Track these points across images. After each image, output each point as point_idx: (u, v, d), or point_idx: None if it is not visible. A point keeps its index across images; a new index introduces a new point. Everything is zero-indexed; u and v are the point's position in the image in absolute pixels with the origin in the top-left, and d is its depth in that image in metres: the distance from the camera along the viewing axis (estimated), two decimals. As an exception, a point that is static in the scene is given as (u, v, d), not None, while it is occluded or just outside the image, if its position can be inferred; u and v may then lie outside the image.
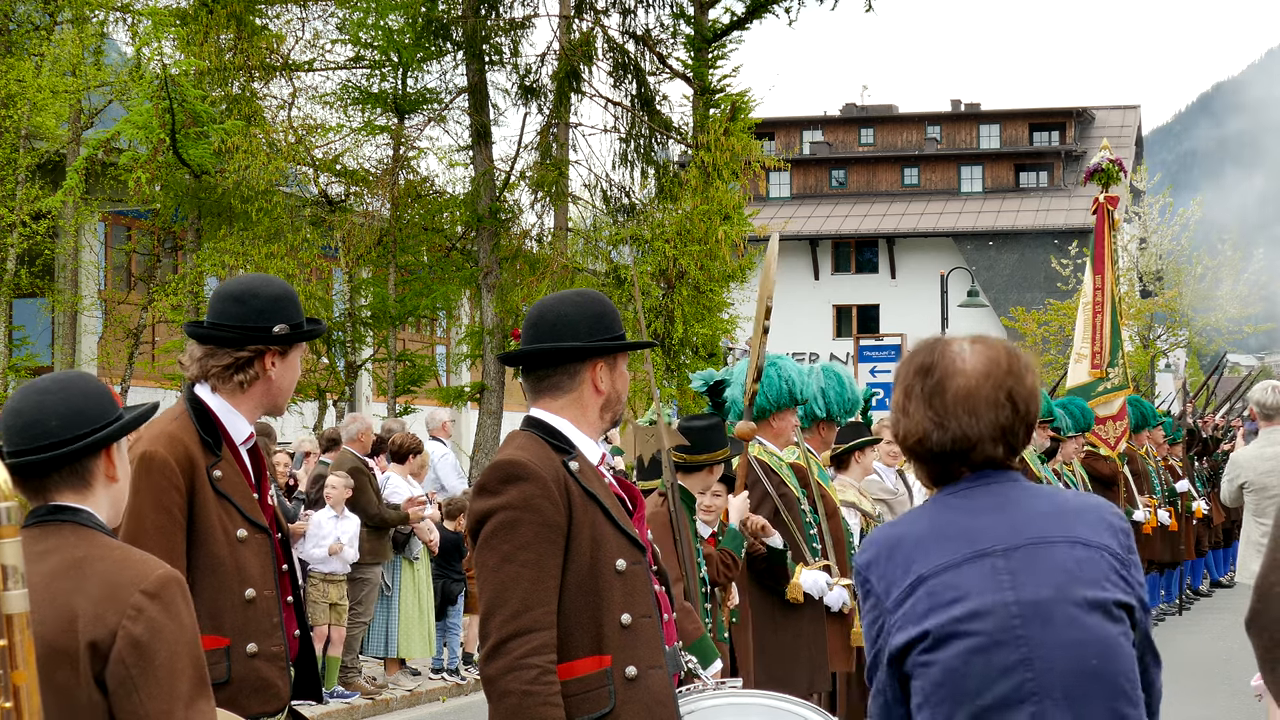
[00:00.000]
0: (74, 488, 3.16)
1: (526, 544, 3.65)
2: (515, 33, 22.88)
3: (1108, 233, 14.96)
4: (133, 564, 3.08)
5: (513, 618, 3.60)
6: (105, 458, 3.19)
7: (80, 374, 3.29)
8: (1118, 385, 14.90)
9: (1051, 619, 3.19)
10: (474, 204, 22.32)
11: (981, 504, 3.28)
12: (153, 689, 2.96)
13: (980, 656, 3.19)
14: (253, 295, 4.15)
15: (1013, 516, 3.28)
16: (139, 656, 2.97)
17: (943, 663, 3.20)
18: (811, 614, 7.40)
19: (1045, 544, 3.26)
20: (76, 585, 3.02)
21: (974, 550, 3.24)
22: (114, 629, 2.97)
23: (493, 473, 3.76)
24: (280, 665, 4.12)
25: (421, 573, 13.26)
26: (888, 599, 3.27)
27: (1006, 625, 3.19)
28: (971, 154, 60.83)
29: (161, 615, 3.00)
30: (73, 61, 19.24)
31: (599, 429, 3.94)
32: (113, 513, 3.25)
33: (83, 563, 3.06)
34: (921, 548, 3.28)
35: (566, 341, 3.86)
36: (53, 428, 3.12)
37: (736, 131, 21.56)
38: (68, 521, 3.13)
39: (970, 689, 3.19)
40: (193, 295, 19.77)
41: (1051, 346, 40.69)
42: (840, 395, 8.03)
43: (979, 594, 3.21)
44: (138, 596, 3.00)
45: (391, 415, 21.10)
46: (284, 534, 4.26)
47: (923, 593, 3.23)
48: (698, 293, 21.42)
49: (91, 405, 3.17)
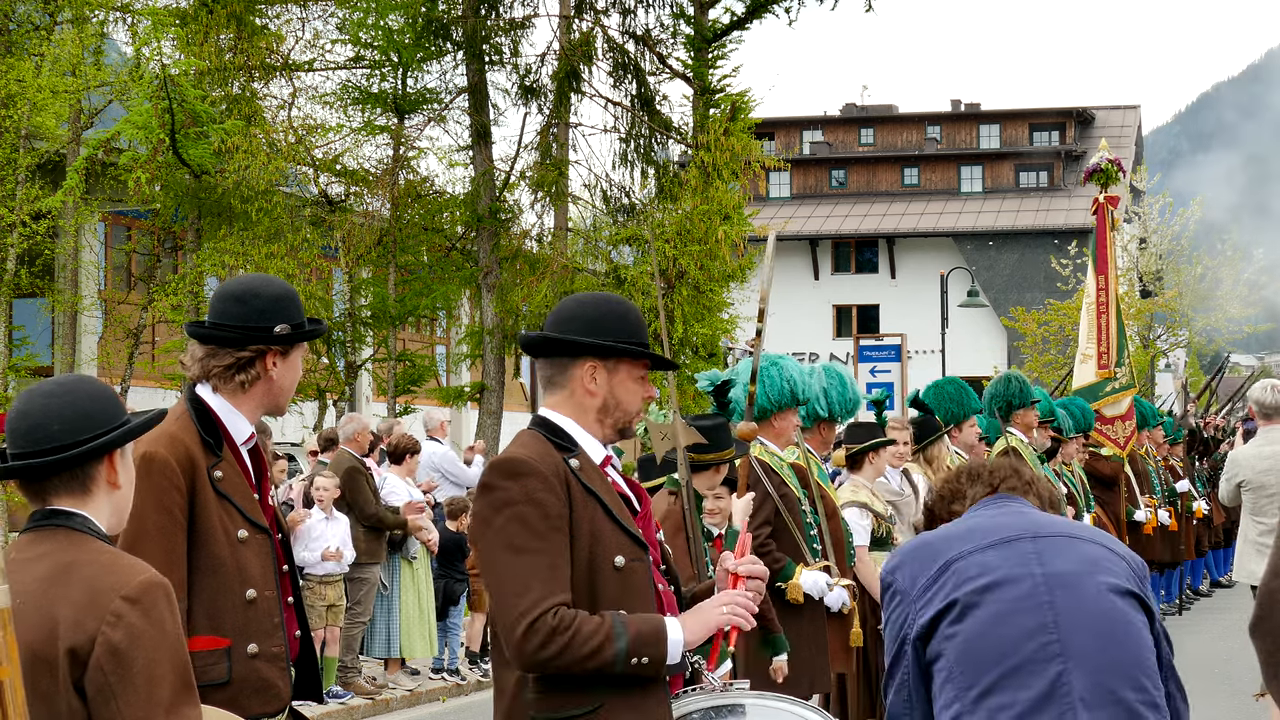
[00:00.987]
0: (73, 492, 3.14)
1: (536, 534, 3.66)
2: (515, 33, 22.89)
3: (1109, 233, 14.96)
4: (118, 569, 3.04)
5: (535, 604, 3.60)
6: (107, 464, 3.17)
7: (86, 378, 3.27)
8: (1125, 384, 14.89)
9: (1077, 588, 3.30)
10: (474, 204, 22.33)
11: (1008, 510, 3.49)
12: (130, 696, 2.92)
13: (1007, 620, 3.30)
14: (254, 295, 4.15)
15: (1037, 519, 3.45)
16: (117, 663, 2.93)
17: (968, 630, 3.30)
18: (811, 614, 7.40)
19: (1071, 538, 3.39)
20: (61, 591, 2.99)
21: (1002, 537, 3.40)
22: (93, 635, 2.94)
23: (495, 470, 3.77)
24: (281, 666, 4.12)
25: (421, 572, 13.25)
26: (913, 589, 3.39)
27: (1033, 592, 3.31)
28: (971, 154, 60.82)
29: (141, 621, 2.96)
30: (73, 61, 19.22)
31: (603, 432, 3.92)
32: (115, 519, 3.23)
33: (70, 568, 3.03)
34: (950, 542, 3.44)
35: (564, 335, 3.88)
36: (54, 431, 3.10)
37: (736, 131, 21.56)
38: (62, 526, 3.11)
39: (996, 652, 3.28)
40: (193, 295, 19.76)
41: (1051, 346, 40.66)
42: (842, 395, 8.04)
43: (1007, 567, 3.33)
44: (118, 602, 2.96)
45: (391, 415, 21.10)
46: (284, 534, 4.27)
47: (950, 573, 3.36)
48: (698, 293, 21.42)
49: (97, 410, 3.15)
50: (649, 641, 3.66)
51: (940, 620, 3.34)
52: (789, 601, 7.28)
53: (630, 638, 3.63)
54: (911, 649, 3.38)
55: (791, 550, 7.40)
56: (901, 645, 3.42)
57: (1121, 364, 14.75)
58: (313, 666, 4.32)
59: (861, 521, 8.51)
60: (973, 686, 3.28)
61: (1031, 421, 12.24)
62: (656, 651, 3.66)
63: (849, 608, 7.68)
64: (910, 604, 3.40)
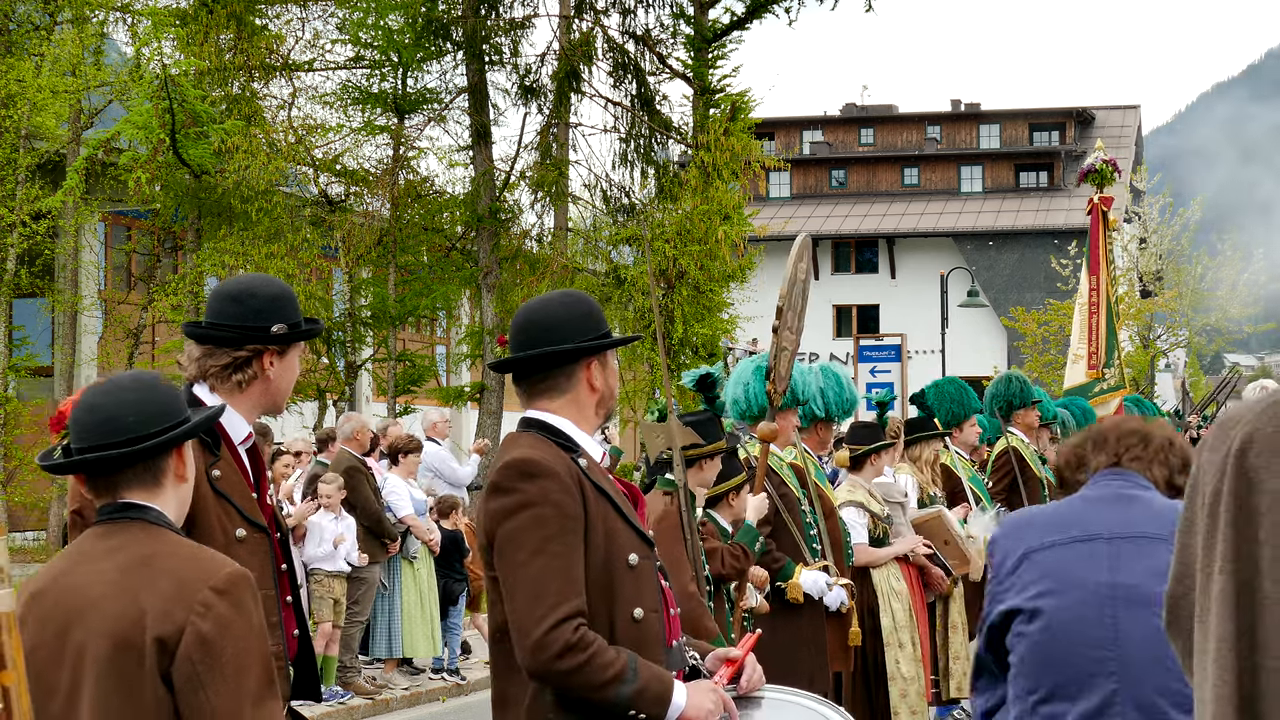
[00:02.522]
0: (145, 485, 3.17)
1: (553, 536, 3.65)
2: (515, 33, 22.89)
3: (1102, 233, 14.98)
4: (202, 561, 3.10)
5: (553, 608, 3.59)
6: (176, 456, 3.22)
7: (155, 374, 3.32)
8: (1114, 385, 14.91)
9: (1141, 604, 3.34)
10: (474, 204, 22.33)
11: (1110, 495, 3.51)
12: (220, 686, 2.96)
13: (1069, 630, 3.37)
14: (251, 295, 4.15)
15: (1129, 514, 3.47)
16: (206, 653, 2.97)
17: (1034, 634, 3.38)
18: (811, 614, 7.41)
19: (1152, 539, 3.41)
20: (146, 581, 3.02)
21: (1082, 534, 3.45)
22: (182, 625, 2.97)
23: (508, 471, 3.73)
24: (280, 664, 4.12)
25: (423, 572, 13.26)
26: (1001, 570, 3.47)
27: (1098, 603, 3.37)
28: (971, 154, 60.82)
29: (230, 612, 3.00)
30: (73, 61, 19.24)
31: (595, 425, 3.96)
32: (179, 511, 3.27)
33: (152, 559, 3.06)
34: (1036, 527, 3.50)
35: (559, 344, 3.87)
36: (130, 424, 3.13)
37: (736, 131, 21.56)
38: (137, 519, 3.14)
39: (1055, 660, 3.35)
40: (193, 295, 19.77)
41: (1052, 346, 40.65)
42: (839, 396, 8.05)
43: (1079, 571, 3.37)
44: (206, 593, 3.00)
45: (391, 415, 21.10)
46: (283, 533, 4.27)
47: (1026, 565, 3.44)
48: (697, 293, 21.42)
49: (168, 404, 3.20)
50: (654, 700, 3.67)
51: (1012, 618, 3.43)
52: (789, 601, 7.29)
53: (638, 686, 3.63)
54: (986, 631, 3.51)
55: (791, 550, 7.41)
56: (983, 623, 3.54)
57: (1111, 365, 14.77)
58: (311, 666, 4.32)
59: (859, 520, 8.53)
60: (1033, 691, 3.35)
61: (1032, 422, 12.24)
62: (659, 711, 3.68)
63: (847, 607, 7.69)
64: (997, 584, 3.49)
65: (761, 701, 4.03)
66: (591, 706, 3.65)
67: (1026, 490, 11.97)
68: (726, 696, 3.87)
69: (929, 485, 10.01)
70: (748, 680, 4.01)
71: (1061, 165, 59.54)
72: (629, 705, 3.63)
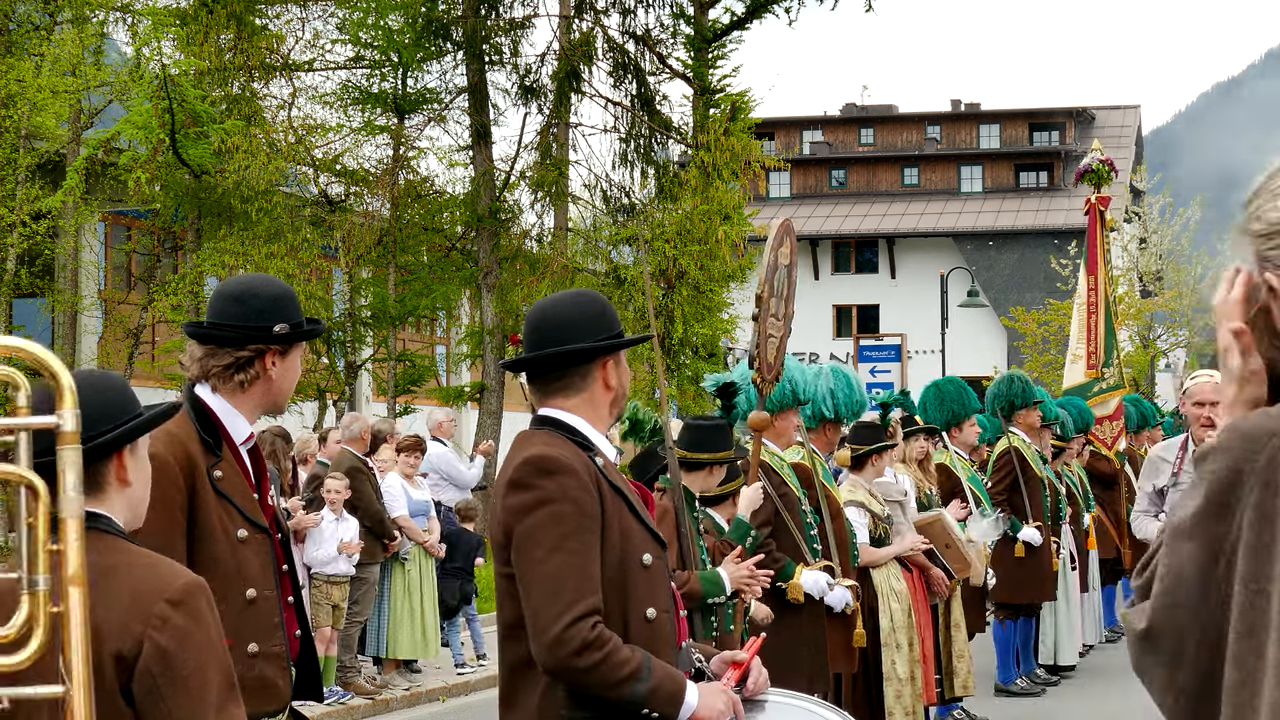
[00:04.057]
0: (88, 493, 3.05)
1: (571, 533, 3.64)
2: (515, 33, 22.90)
3: (1100, 233, 15.00)
4: (159, 572, 3.04)
5: (571, 605, 3.59)
6: (116, 461, 3.14)
7: (98, 373, 3.22)
8: (1113, 385, 14.93)
9: None
10: (474, 204, 22.33)
11: None
12: (181, 698, 2.93)
13: None
14: (252, 295, 4.14)
15: None
16: (166, 666, 2.93)
17: None
18: (811, 614, 7.40)
19: None
20: (100, 596, 2.95)
21: None
22: (139, 639, 2.94)
23: (526, 467, 3.73)
24: (281, 665, 4.12)
25: (414, 573, 13.26)
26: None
27: None
28: (971, 154, 60.84)
29: (187, 623, 2.96)
30: (73, 61, 19.22)
31: (609, 424, 3.97)
32: (130, 516, 3.21)
33: (109, 572, 3.00)
34: None
35: (575, 343, 3.87)
36: None
37: (736, 131, 21.57)
38: (90, 529, 3.02)
39: None
40: (193, 295, 19.76)
41: (1052, 346, 40.65)
42: (848, 397, 8.05)
43: None
44: (162, 605, 2.96)
45: (391, 415, 21.11)
46: (284, 534, 4.26)
47: None
48: (698, 293, 21.43)
49: (106, 406, 3.10)
50: (667, 699, 3.68)
51: None
52: (789, 601, 7.29)
53: (653, 685, 3.64)
54: None
55: (791, 550, 7.40)
56: None
57: (1109, 364, 14.79)
58: (313, 666, 4.32)
59: (860, 520, 8.53)
60: None
61: (1034, 422, 12.24)
62: (672, 710, 3.68)
63: (852, 608, 7.68)
64: None
65: (766, 705, 4.03)
66: (604, 704, 3.65)
67: (1028, 490, 11.97)
68: (735, 698, 3.87)
69: (923, 483, 10.01)
70: (754, 683, 4.01)
71: (1061, 165, 59.55)
72: (643, 703, 3.64)
